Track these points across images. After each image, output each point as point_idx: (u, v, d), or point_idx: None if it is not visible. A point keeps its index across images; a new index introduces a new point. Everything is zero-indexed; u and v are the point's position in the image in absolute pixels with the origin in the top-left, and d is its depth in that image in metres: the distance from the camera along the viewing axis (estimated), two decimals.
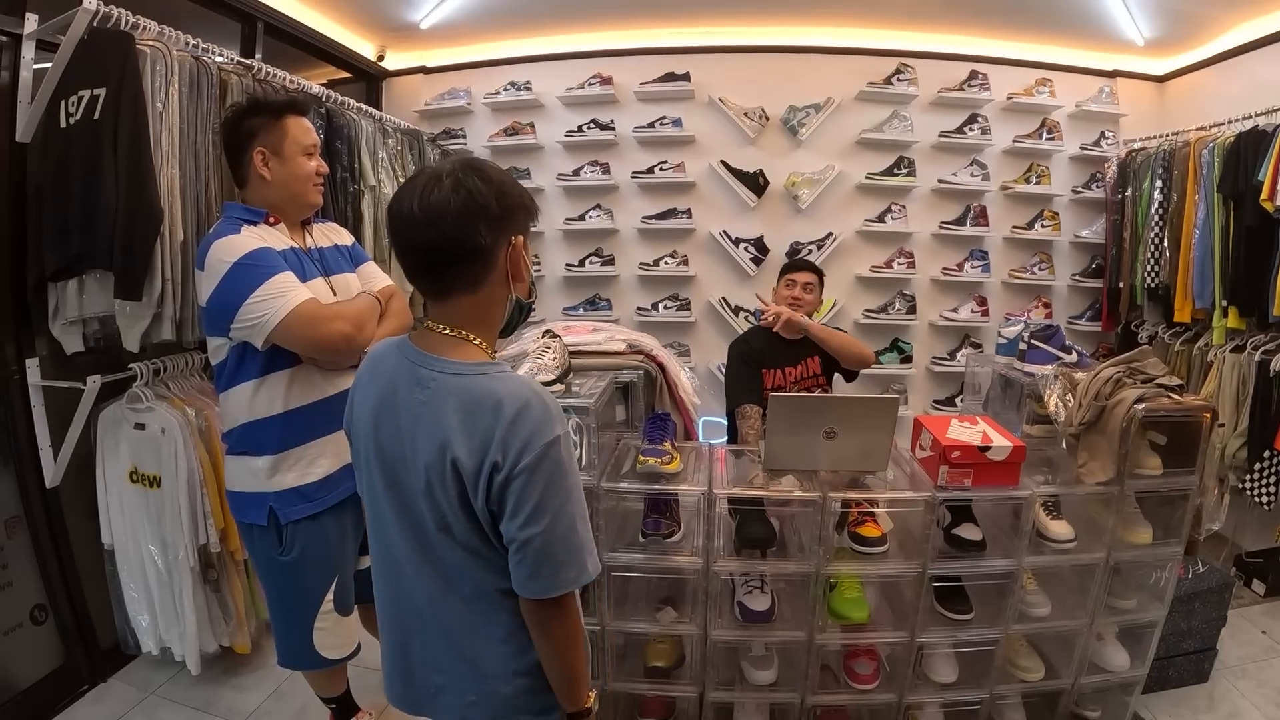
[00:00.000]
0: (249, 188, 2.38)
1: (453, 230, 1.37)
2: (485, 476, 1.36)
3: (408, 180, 1.47)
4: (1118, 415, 2.53)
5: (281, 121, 2.34)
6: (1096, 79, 5.45)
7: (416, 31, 5.33)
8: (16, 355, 2.96)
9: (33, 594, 3.08)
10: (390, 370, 1.50)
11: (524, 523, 1.37)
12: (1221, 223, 4.09)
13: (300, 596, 2.48)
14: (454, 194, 1.36)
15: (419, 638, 1.58)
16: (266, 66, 3.46)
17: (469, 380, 1.42)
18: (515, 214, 1.45)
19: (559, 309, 5.75)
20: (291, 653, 2.55)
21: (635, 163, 5.58)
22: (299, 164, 2.37)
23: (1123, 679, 2.86)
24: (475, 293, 1.45)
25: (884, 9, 5.12)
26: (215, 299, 2.19)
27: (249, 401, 2.31)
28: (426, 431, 1.41)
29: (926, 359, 5.70)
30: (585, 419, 2.51)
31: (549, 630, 1.47)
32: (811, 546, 2.55)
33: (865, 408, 2.73)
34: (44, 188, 2.83)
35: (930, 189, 5.51)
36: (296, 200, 2.41)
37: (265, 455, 2.34)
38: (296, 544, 2.39)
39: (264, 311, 2.14)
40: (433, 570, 1.49)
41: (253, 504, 2.38)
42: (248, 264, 2.17)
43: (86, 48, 2.73)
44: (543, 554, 1.39)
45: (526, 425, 1.36)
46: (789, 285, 3.63)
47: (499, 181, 1.42)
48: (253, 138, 2.31)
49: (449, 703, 1.58)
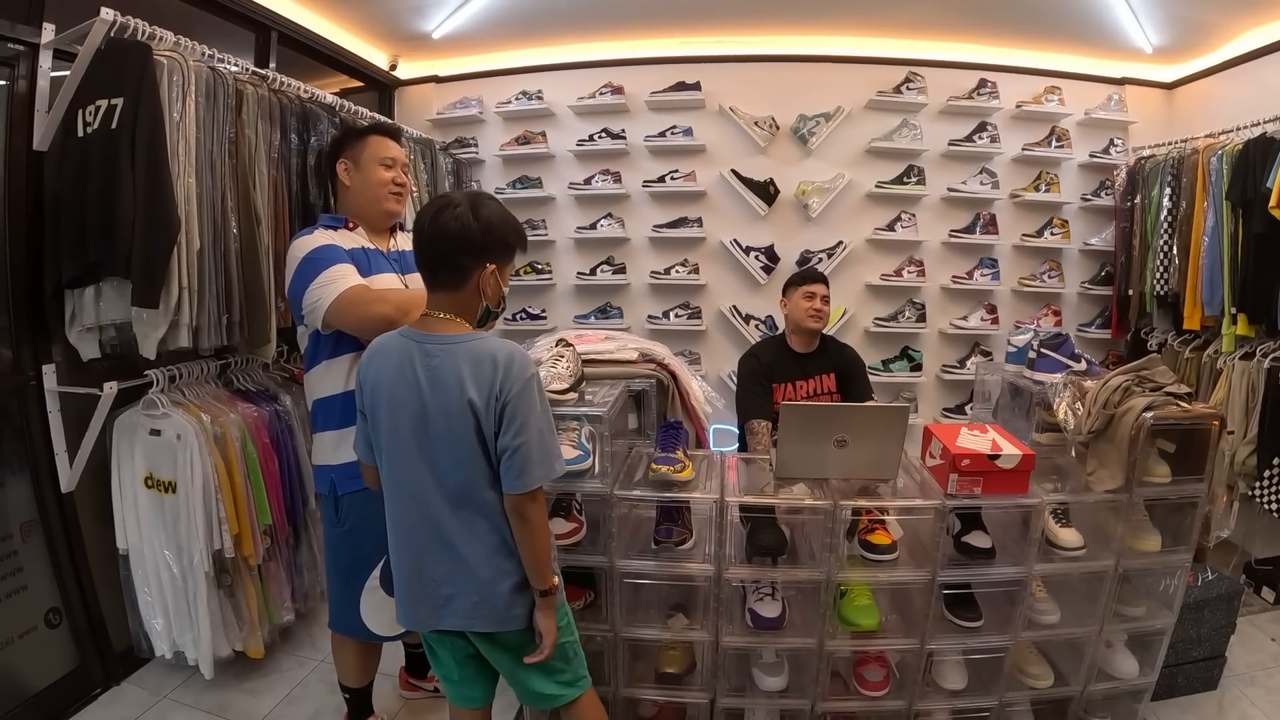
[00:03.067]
0: (337, 199, 2.71)
1: (445, 249, 1.93)
2: (493, 406, 1.89)
3: (434, 199, 2.03)
4: (1127, 423, 2.53)
5: (365, 138, 2.65)
6: (1105, 87, 5.44)
7: (429, 41, 5.35)
8: (33, 361, 2.99)
9: (47, 598, 3.10)
10: (396, 351, 1.97)
11: (515, 434, 1.89)
12: (1230, 230, 4.07)
13: (348, 566, 2.66)
14: (453, 223, 1.89)
15: (430, 556, 2.00)
16: (281, 76, 3.49)
17: (468, 345, 1.92)
18: (494, 248, 1.97)
19: (570, 317, 5.77)
20: (340, 616, 2.73)
21: (646, 171, 5.60)
22: (375, 172, 2.62)
23: (1131, 686, 2.86)
24: (455, 293, 1.97)
25: (893, 18, 5.12)
26: (290, 290, 2.48)
27: (320, 380, 2.58)
28: (443, 384, 1.90)
29: (936, 367, 5.69)
30: (598, 427, 2.54)
31: (529, 517, 1.96)
32: (822, 554, 2.56)
33: (876, 416, 2.75)
34: (61, 196, 2.85)
35: (940, 197, 5.51)
36: (373, 205, 2.65)
37: (330, 430, 2.59)
38: (350, 517, 2.60)
39: (318, 297, 2.39)
40: (443, 495, 1.96)
41: (321, 476, 2.66)
42: (313, 257, 2.43)
43: (104, 57, 2.76)
44: (527, 455, 1.90)
45: (514, 369, 1.90)
46: (809, 297, 3.61)
47: (489, 221, 1.93)
48: (340, 152, 2.64)
49: (458, 608, 2.01)
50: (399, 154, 2.69)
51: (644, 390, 3.05)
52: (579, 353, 2.79)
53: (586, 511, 2.69)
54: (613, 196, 5.65)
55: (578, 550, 2.62)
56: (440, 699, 3.20)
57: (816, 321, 3.60)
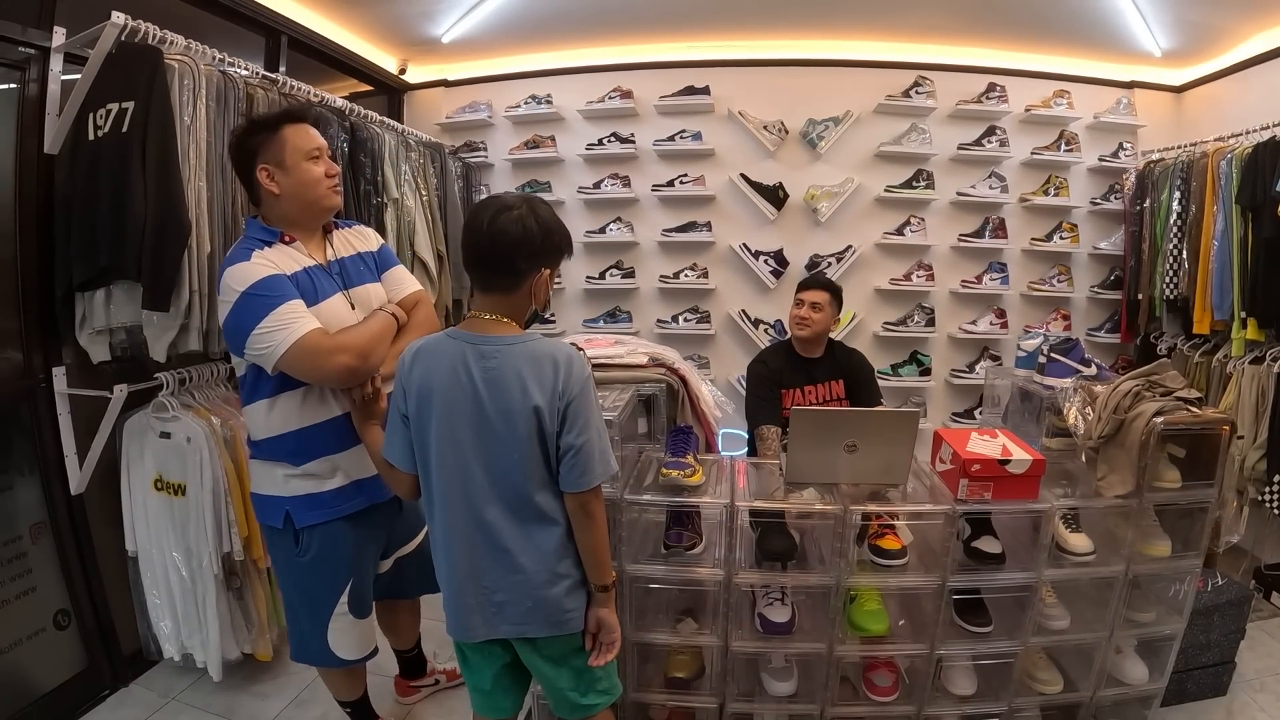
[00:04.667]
0: (264, 206, 2.38)
1: (504, 251, 1.90)
2: (557, 405, 1.92)
3: (484, 201, 2.01)
4: (1137, 428, 2.53)
5: (279, 133, 2.31)
6: (1114, 90, 5.44)
7: (438, 45, 5.37)
8: (44, 364, 3.00)
9: (56, 599, 3.11)
10: (449, 354, 1.95)
11: (578, 433, 1.94)
12: (1240, 234, 4.06)
13: (314, 596, 2.52)
14: (514, 226, 1.88)
15: (484, 563, 2.00)
16: (291, 80, 3.49)
17: (525, 347, 1.94)
18: (551, 253, 1.97)
19: (579, 321, 5.77)
20: (303, 649, 2.60)
21: (655, 176, 5.61)
22: (304, 170, 2.33)
23: (1141, 692, 2.86)
24: (508, 296, 1.97)
25: (902, 23, 5.12)
26: (228, 324, 2.23)
27: (265, 418, 2.36)
28: (503, 386, 1.92)
29: (945, 371, 5.68)
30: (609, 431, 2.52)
31: (593, 513, 2.02)
32: (832, 559, 2.56)
33: (886, 421, 2.74)
34: (72, 199, 2.86)
35: (949, 201, 5.50)
36: (312, 207, 2.39)
37: (280, 464, 2.39)
38: (312, 547, 2.44)
39: (269, 343, 2.16)
40: (498, 499, 1.97)
41: (271, 506, 2.43)
42: (255, 294, 2.18)
43: (115, 61, 2.76)
44: (590, 453, 1.95)
45: (574, 370, 1.94)
46: (797, 304, 3.62)
47: (548, 225, 1.94)
48: (255, 156, 2.30)
49: (511, 614, 2.02)
50: (320, 140, 2.40)
51: (654, 395, 3.05)
52: (589, 357, 2.78)
53: None
54: (622, 201, 5.66)
55: None
56: (442, 692, 3.22)
57: (801, 329, 3.58)
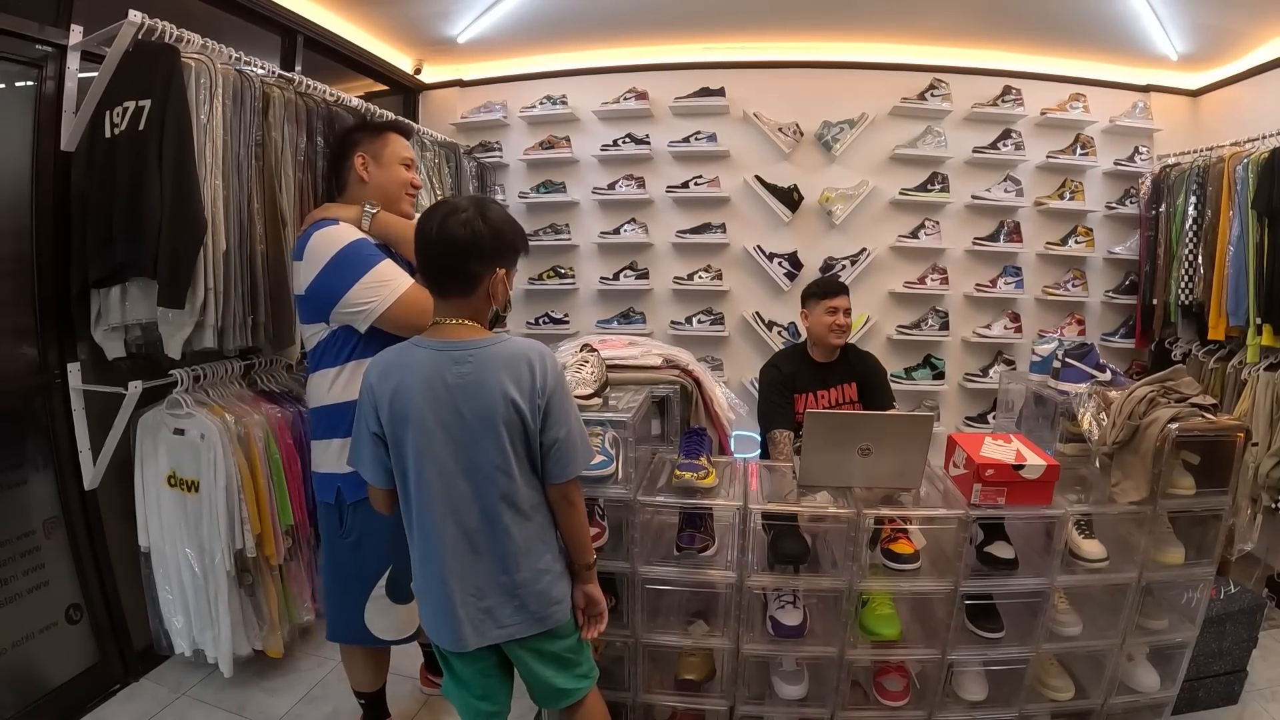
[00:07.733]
0: (347, 191, 2.65)
1: (455, 255, 1.91)
2: (537, 403, 1.95)
3: (435, 205, 1.99)
4: (1151, 435, 2.52)
5: (384, 134, 2.66)
6: (1130, 94, 5.41)
7: (454, 46, 5.37)
8: (59, 359, 3.02)
9: (68, 594, 3.12)
10: (418, 366, 1.93)
11: (559, 427, 1.98)
12: (1256, 239, 4.03)
13: (352, 576, 2.59)
14: (461, 230, 1.87)
15: (468, 571, 1.99)
16: (307, 80, 3.50)
17: (497, 349, 1.94)
18: (504, 253, 1.97)
19: (593, 322, 5.78)
20: (341, 625, 2.67)
21: (670, 177, 5.61)
22: (396, 171, 2.64)
23: (1152, 700, 2.85)
24: (466, 299, 1.96)
25: (918, 25, 5.10)
26: (316, 286, 2.38)
27: (330, 385, 2.48)
28: (481, 390, 1.91)
29: (959, 375, 5.66)
30: (623, 432, 2.54)
31: (574, 500, 2.08)
32: (844, 563, 2.56)
33: (900, 425, 2.74)
34: (88, 196, 2.87)
35: (964, 205, 5.49)
36: (390, 205, 2.61)
37: (338, 439, 2.47)
38: (356, 528, 2.53)
39: (372, 298, 2.33)
40: (480, 504, 1.96)
41: (326, 483, 2.56)
42: (351, 253, 2.37)
43: (131, 59, 2.77)
44: (571, 444, 2.00)
45: (549, 366, 1.97)
46: (831, 312, 3.55)
47: (497, 226, 1.93)
48: (356, 145, 2.61)
49: (499, 617, 2.02)
50: (413, 154, 2.75)
51: (667, 396, 3.05)
52: (603, 358, 2.79)
53: (609, 517, 2.69)
54: (636, 202, 5.66)
55: (600, 555, 2.58)
56: None
57: (840, 337, 3.57)
